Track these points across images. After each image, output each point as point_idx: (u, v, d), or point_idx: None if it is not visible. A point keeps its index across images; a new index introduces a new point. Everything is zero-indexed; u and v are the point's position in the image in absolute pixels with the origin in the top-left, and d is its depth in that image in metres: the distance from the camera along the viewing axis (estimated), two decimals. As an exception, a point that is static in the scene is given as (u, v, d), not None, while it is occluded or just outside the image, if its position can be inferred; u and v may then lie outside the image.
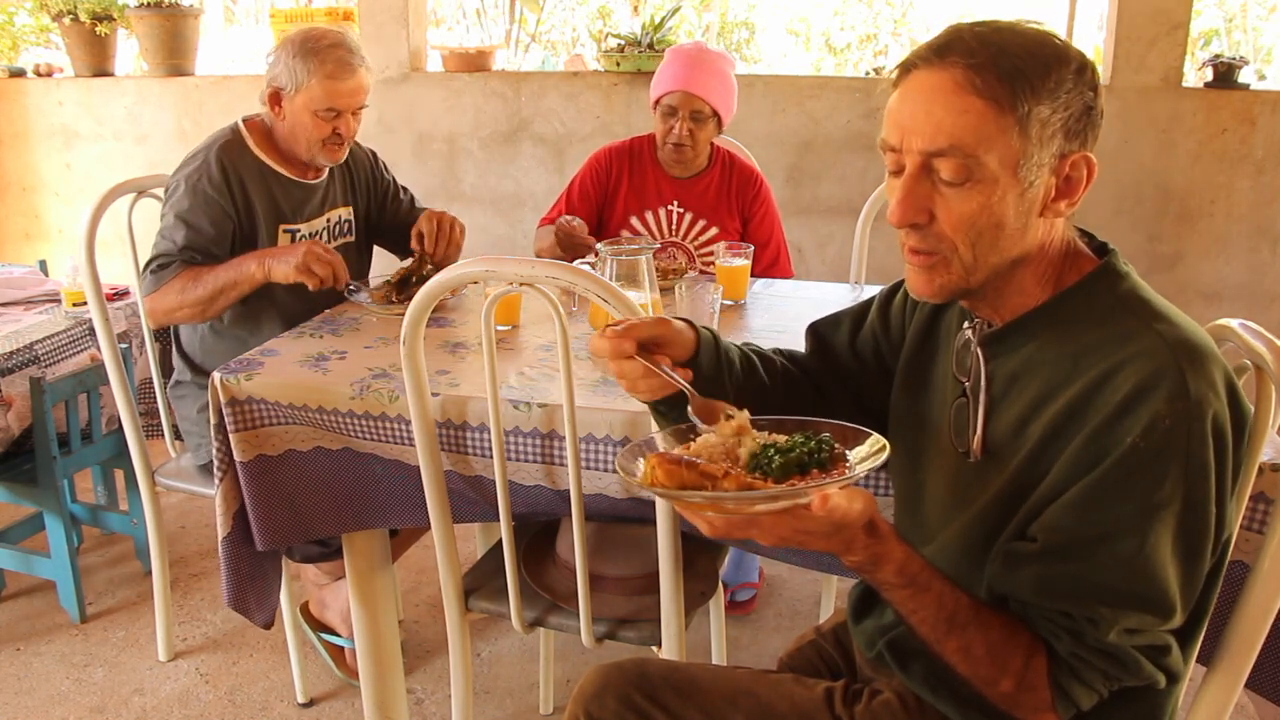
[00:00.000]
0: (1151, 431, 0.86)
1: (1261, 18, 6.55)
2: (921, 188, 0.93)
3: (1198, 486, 0.87)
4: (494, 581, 1.60)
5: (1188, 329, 0.91)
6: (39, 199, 3.99)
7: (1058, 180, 0.93)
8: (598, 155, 2.46)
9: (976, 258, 0.94)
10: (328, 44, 1.95)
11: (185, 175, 1.96)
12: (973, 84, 0.89)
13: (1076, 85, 0.91)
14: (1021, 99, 0.89)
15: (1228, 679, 1.14)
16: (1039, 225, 0.95)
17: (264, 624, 1.73)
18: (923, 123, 0.91)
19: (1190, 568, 0.90)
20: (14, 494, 2.31)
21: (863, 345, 1.24)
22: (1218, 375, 0.89)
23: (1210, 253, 3.18)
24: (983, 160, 0.90)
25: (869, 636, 1.15)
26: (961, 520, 1.02)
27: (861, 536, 0.89)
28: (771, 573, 2.57)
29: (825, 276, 3.32)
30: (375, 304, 1.95)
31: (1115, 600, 0.89)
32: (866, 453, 0.95)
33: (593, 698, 1.14)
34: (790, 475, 0.89)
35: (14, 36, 4.40)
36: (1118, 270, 0.98)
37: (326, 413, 1.53)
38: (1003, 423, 0.99)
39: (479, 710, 2.06)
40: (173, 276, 1.91)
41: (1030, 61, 0.90)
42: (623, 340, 1.01)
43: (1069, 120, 0.91)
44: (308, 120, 1.97)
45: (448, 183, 3.59)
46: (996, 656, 0.94)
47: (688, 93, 2.26)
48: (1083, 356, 0.93)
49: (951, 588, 0.95)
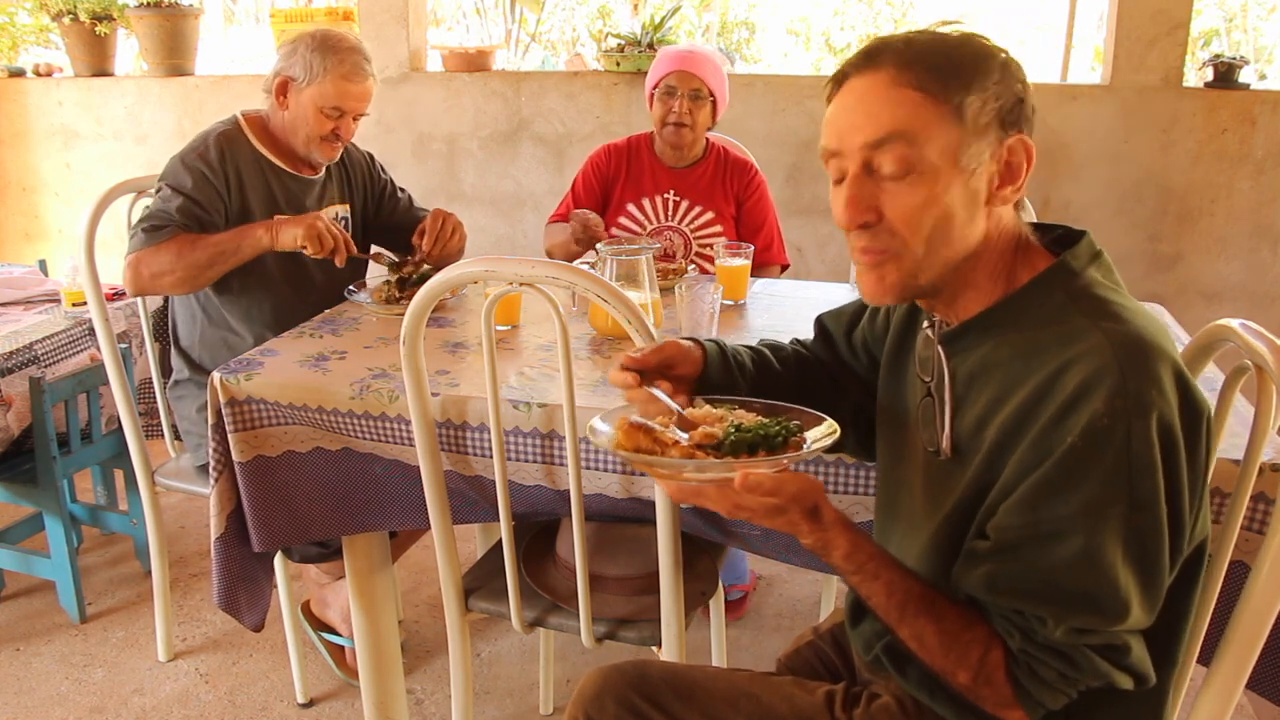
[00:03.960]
0: (1089, 431, 0.86)
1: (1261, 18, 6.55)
2: (866, 188, 0.95)
3: (1143, 486, 0.86)
4: (494, 581, 1.60)
5: (1136, 327, 0.90)
6: (39, 199, 3.99)
7: (999, 166, 0.95)
8: (597, 153, 2.53)
9: (928, 252, 0.95)
10: (347, 46, 1.99)
11: (182, 156, 1.97)
12: (905, 79, 0.92)
13: (1004, 77, 0.94)
14: (953, 89, 0.92)
15: (1228, 679, 1.14)
16: (984, 214, 0.96)
17: (254, 626, 1.73)
18: (861, 120, 0.94)
19: (1145, 569, 0.88)
20: (14, 494, 2.31)
21: (857, 338, 1.26)
22: (1164, 373, 0.88)
23: (1210, 253, 3.18)
24: (923, 149, 0.92)
25: (866, 640, 1.15)
26: (936, 519, 1.02)
27: (804, 521, 0.95)
28: (771, 573, 2.57)
29: (825, 276, 3.32)
30: (375, 304, 1.96)
31: (1061, 599, 0.89)
32: (817, 437, 1.01)
33: (592, 700, 1.14)
34: (739, 452, 0.96)
35: (14, 36, 4.40)
36: (1070, 268, 0.97)
37: (326, 413, 1.53)
38: (965, 422, 1.00)
39: (479, 710, 2.06)
40: (168, 238, 1.88)
41: (955, 56, 0.93)
42: (624, 375, 1.08)
43: (1001, 110, 0.93)
44: (312, 115, 1.99)
45: (448, 183, 3.59)
46: (951, 648, 0.96)
47: (686, 71, 2.34)
48: (1034, 356, 0.93)
49: (903, 577, 0.98)
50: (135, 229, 1.93)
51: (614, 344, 1.74)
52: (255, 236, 1.89)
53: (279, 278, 2.04)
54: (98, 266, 1.98)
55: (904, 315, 1.17)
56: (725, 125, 3.13)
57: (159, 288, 1.92)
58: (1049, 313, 0.95)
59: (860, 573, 0.98)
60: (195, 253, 1.87)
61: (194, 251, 1.87)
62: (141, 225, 1.92)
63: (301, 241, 1.86)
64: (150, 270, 1.87)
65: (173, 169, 1.96)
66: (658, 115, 2.40)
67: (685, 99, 2.35)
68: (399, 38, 3.48)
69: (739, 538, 1.50)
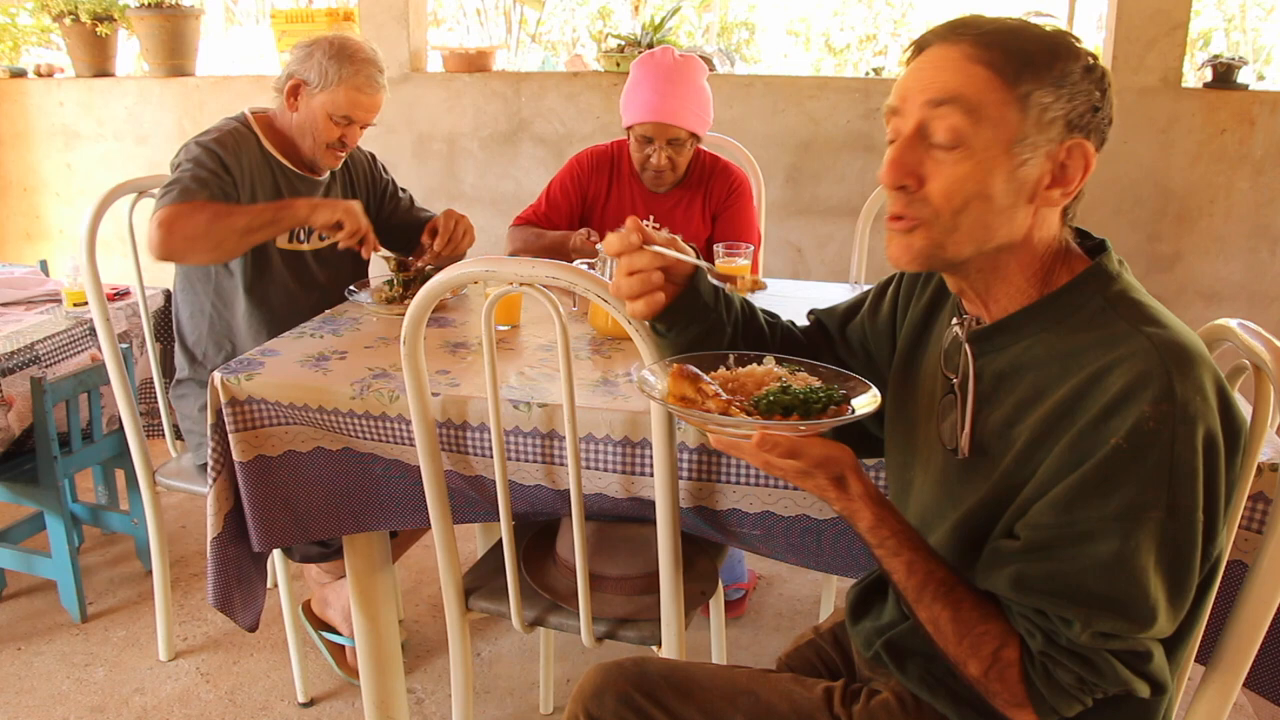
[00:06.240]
0: (1135, 433, 0.85)
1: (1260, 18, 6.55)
2: (914, 151, 0.95)
3: (1183, 492, 0.86)
4: (494, 581, 1.61)
5: (1178, 332, 0.90)
6: (40, 199, 4.00)
7: (1053, 166, 0.94)
8: (579, 158, 2.39)
9: (957, 227, 0.95)
10: (363, 57, 1.99)
11: (199, 141, 1.96)
12: (979, 56, 0.92)
13: (1084, 81, 0.93)
14: (1024, 77, 0.91)
15: (1226, 678, 1.15)
16: (1028, 212, 0.95)
17: (248, 626, 1.73)
18: (928, 81, 0.94)
19: (1176, 576, 0.88)
20: (15, 494, 2.31)
21: (852, 332, 1.26)
22: (1207, 381, 0.87)
23: (1209, 253, 3.18)
24: (978, 125, 0.91)
25: (866, 637, 1.15)
26: (952, 519, 1.02)
27: (831, 488, 0.98)
28: (771, 572, 2.58)
29: (825, 276, 3.32)
30: (376, 304, 1.96)
31: (1089, 601, 0.89)
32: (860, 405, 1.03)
33: (592, 697, 1.14)
34: (773, 413, 0.98)
35: (15, 37, 4.41)
36: (1108, 271, 0.97)
37: (327, 413, 1.54)
38: (990, 422, 1.00)
39: (479, 710, 2.07)
40: (204, 199, 1.82)
41: (1038, 47, 0.92)
42: (632, 233, 1.07)
43: (1071, 113, 0.92)
44: (321, 120, 1.99)
45: (448, 183, 3.60)
46: (964, 637, 0.96)
47: (661, 123, 2.15)
48: (1071, 359, 0.93)
49: (926, 559, 0.98)
50: (163, 190, 1.86)
51: (614, 344, 1.74)
52: (294, 208, 1.88)
53: (283, 276, 2.04)
54: (99, 267, 1.98)
55: (920, 316, 1.16)
56: (725, 125, 3.14)
57: (188, 252, 1.83)
58: (1088, 316, 0.95)
59: (882, 547, 0.99)
60: (232, 218, 1.82)
61: (230, 217, 1.82)
62: (170, 187, 1.85)
63: (340, 217, 1.86)
64: (184, 232, 1.79)
65: (189, 150, 1.94)
66: (635, 158, 2.26)
67: (663, 150, 2.19)
68: (399, 38, 3.49)
69: (739, 538, 1.50)
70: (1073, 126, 0.93)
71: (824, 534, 1.43)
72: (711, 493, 1.45)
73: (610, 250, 1.09)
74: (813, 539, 1.44)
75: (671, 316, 1.14)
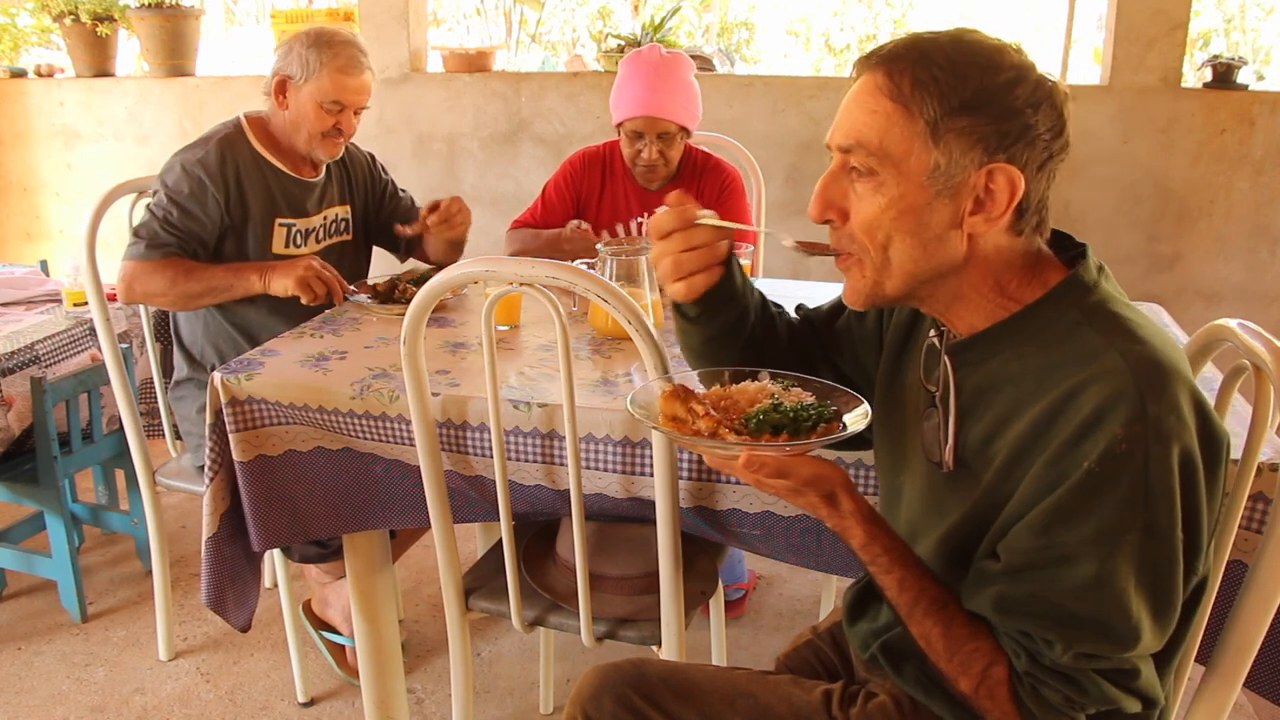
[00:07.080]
0: (1107, 457, 0.84)
1: (1260, 18, 6.55)
2: (838, 185, 0.96)
3: (1160, 512, 0.85)
4: (494, 581, 1.61)
5: (1154, 348, 0.88)
6: (40, 199, 4.00)
7: (975, 193, 0.91)
8: (573, 160, 2.40)
9: (889, 262, 0.95)
10: (341, 40, 1.99)
11: (183, 158, 1.98)
12: (887, 89, 0.91)
13: (1008, 99, 0.89)
14: (928, 106, 0.89)
15: (1226, 678, 1.14)
16: (959, 236, 0.93)
17: (241, 626, 1.73)
18: (843, 120, 0.96)
19: (1159, 595, 0.87)
20: (15, 494, 2.31)
21: (840, 330, 1.26)
22: (1183, 398, 0.86)
23: (1209, 253, 3.18)
24: (887, 162, 0.92)
25: (863, 639, 1.15)
26: (939, 531, 1.02)
27: (822, 506, 0.98)
28: (771, 573, 2.58)
29: (825, 277, 3.32)
30: (376, 304, 1.96)
31: (1070, 623, 0.88)
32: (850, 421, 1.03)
33: (590, 699, 1.14)
34: (762, 432, 0.98)
35: (15, 37, 4.41)
36: (1084, 282, 0.95)
37: (327, 413, 1.54)
38: (972, 436, 0.99)
39: (479, 710, 2.07)
40: (164, 258, 1.92)
41: (952, 72, 0.89)
42: (688, 205, 1.05)
43: (992, 136, 0.89)
44: (311, 111, 1.99)
45: (448, 183, 3.60)
46: (955, 655, 0.96)
47: (650, 117, 2.17)
48: (1046, 375, 0.91)
49: (918, 576, 0.98)
50: (134, 235, 1.95)
51: (614, 344, 1.74)
52: (249, 280, 1.93)
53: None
54: (99, 267, 1.98)
55: (904, 324, 1.15)
56: (725, 125, 3.14)
57: (150, 303, 2.02)
58: (1063, 330, 0.93)
59: (874, 564, 0.99)
60: (189, 283, 1.93)
61: (188, 281, 1.93)
62: (139, 234, 1.94)
63: (293, 291, 1.89)
64: (143, 289, 1.94)
65: (173, 172, 1.97)
66: (626, 154, 2.27)
67: (654, 144, 2.21)
68: (399, 38, 3.49)
69: (739, 538, 1.50)
70: (994, 150, 0.89)
71: (824, 534, 1.43)
72: (711, 492, 1.45)
73: (665, 226, 1.06)
74: (813, 539, 1.44)
75: (709, 299, 1.12)
